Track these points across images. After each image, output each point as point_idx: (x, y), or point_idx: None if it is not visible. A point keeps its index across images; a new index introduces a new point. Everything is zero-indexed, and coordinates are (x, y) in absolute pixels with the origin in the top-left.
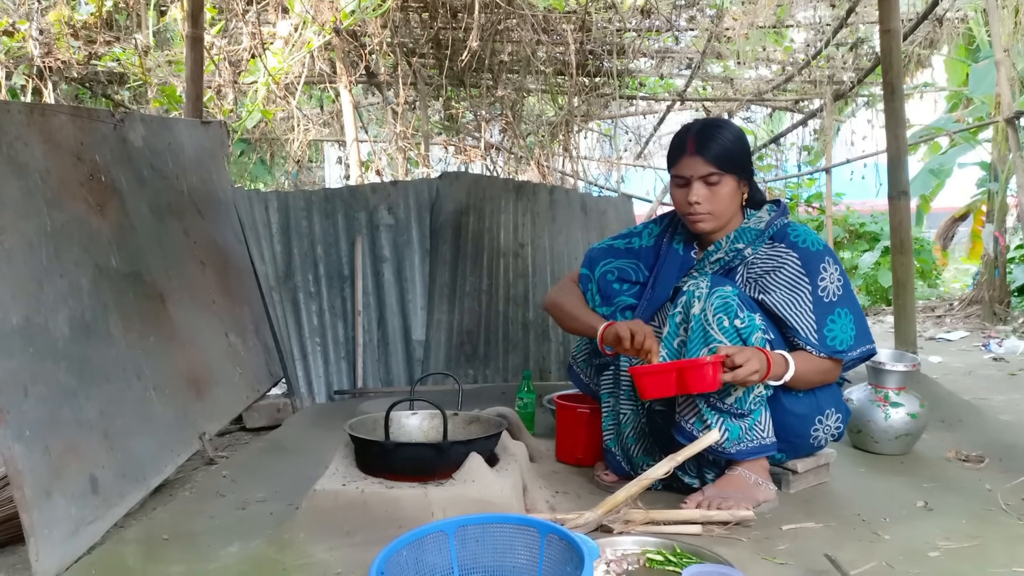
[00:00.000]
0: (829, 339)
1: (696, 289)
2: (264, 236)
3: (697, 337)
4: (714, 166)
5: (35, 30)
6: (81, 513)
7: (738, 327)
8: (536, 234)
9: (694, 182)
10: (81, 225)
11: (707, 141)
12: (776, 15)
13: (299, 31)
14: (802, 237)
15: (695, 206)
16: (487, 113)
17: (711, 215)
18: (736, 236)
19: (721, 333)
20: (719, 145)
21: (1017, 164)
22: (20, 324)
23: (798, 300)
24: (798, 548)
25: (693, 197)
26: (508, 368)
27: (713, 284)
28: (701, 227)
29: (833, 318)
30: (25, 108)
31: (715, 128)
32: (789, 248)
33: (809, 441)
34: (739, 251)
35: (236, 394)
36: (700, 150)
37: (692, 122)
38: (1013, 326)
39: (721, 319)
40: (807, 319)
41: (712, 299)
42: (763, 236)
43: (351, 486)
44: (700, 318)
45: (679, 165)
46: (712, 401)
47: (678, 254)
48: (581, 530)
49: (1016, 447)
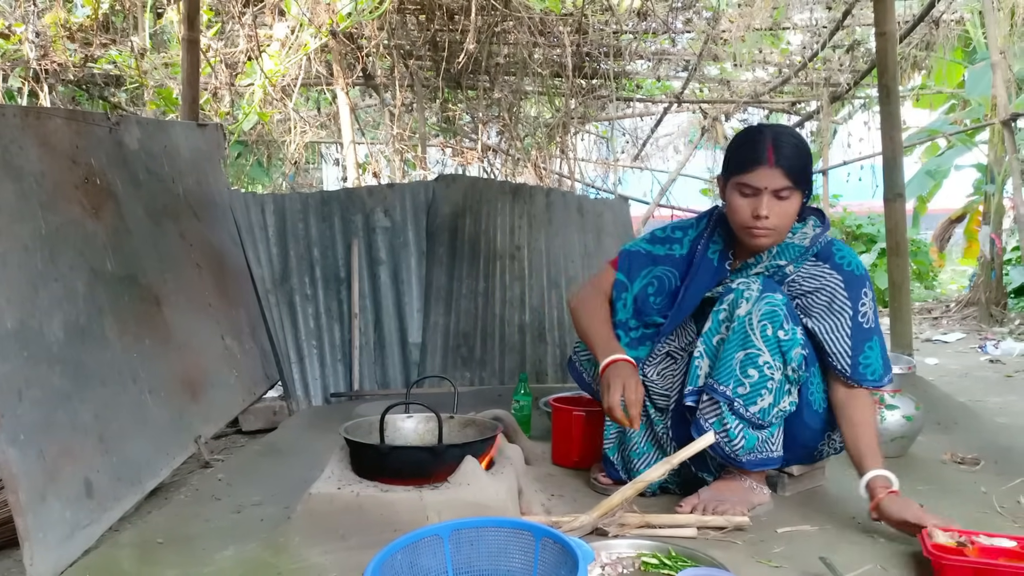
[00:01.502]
0: (863, 367)
1: (746, 289)
2: (260, 239)
3: (736, 339)
4: (790, 180)
5: (31, 33)
6: (76, 517)
7: (780, 338)
8: (532, 236)
9: (765, 195)
10: (76, 228)
11: (787, 152)
12: (772, 17)
13: (296, 33)
14: (847, 259)
15: (763, 220)
16: (484, 115)
17: (775, 231)
18: (779, 251)
19: (762, 341)
20: (797, 158)
21: (1013, 166)
22: (15, 328)
23: (838, 325)
24: (793, 551)
25: (764, 211)
26: (504, 371)
27: (764, 288)
28: (762, 243)
29: (871, 345)
30: (20, 111)
31: (791, 137)
32: (834, 270)
33: (813, 453)
34: (780, 268)
35: (232, 397)
36: (780, 161)
37: (762, 127)
38: (1009, 328)
39: (765, 327)
40: (844, 345)
41: (761, 304)
42: (807, 254)
43: (346, 489)
44: (744, 321)
45: (753, 174)
46: (736, 406)
47: (712, 264)
48: (576, 533)
49: (1012, 449)
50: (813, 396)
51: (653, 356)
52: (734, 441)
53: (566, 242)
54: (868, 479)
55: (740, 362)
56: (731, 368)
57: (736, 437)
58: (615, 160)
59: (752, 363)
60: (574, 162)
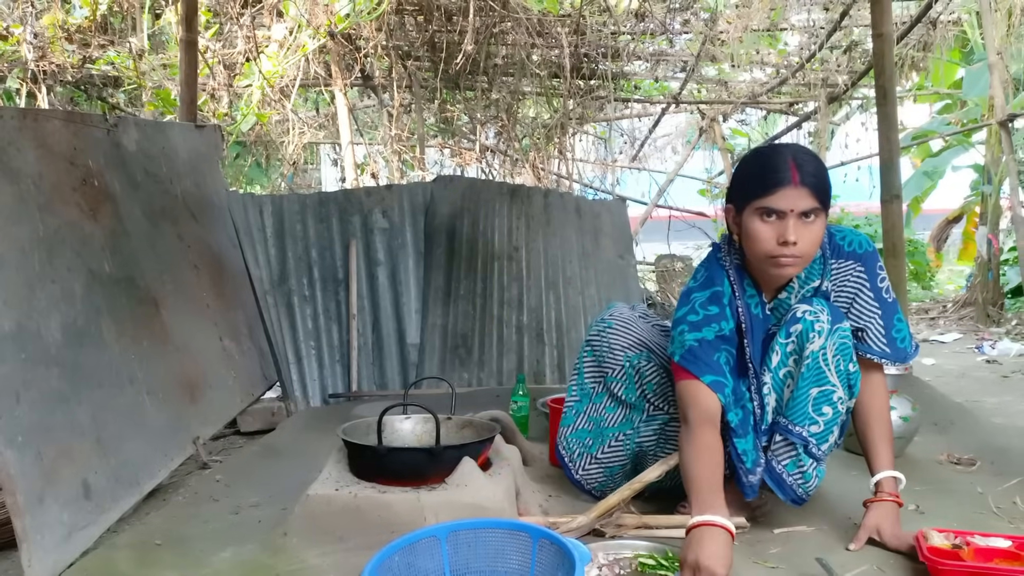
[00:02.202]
0: (899, 340)
1: (816, 321)
2: (258, 240)
3: (811, 376)
4: (816, 200)
5: (29, 34)
6: (74, 518)
7: (850, 371)
8: (530, 237)
9: (791, 218)
10: (74, 230)
11: (810, 168)
12: (770, 18)
13: (294, 34)
14: (850, 240)
15: (790, 247)
16: (482, 116)
17: (802, 259)
18: (807, 274)
19: (837, 376)
20: (821, 175)
21: (1010, 166)
22: (12, 330)
23: (869, 309)
24: (790, 552)
25: (792, 236)
26: (502, 371)
27: (834, 319)
28: (788, 272)
29: (899, 316)
30: (18, 113)
31: (809, 154)
32: (849, 259)
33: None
34: (816, 289)
35: (230, 398)
36: (805, 180)
37: (776, 145)
38: (1006, 328)
39: (839, 361)
40: (878, 327)
41: (834, 337)
42: (827, 262)
43: (344, 491)
44: (819, 356)
45: (774, 196)
46: (811, 447)
47: (759, 319)
48: (574, 534)
49: (1008, 450)
50: None
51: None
52: (808, 483)
53: (564, 243)
54: (876, 481)
55: (814, 400)
56: (805, 407)
57: (811, 479)
58: (613, 161)
59: (827, 400)
60: (572, 163)
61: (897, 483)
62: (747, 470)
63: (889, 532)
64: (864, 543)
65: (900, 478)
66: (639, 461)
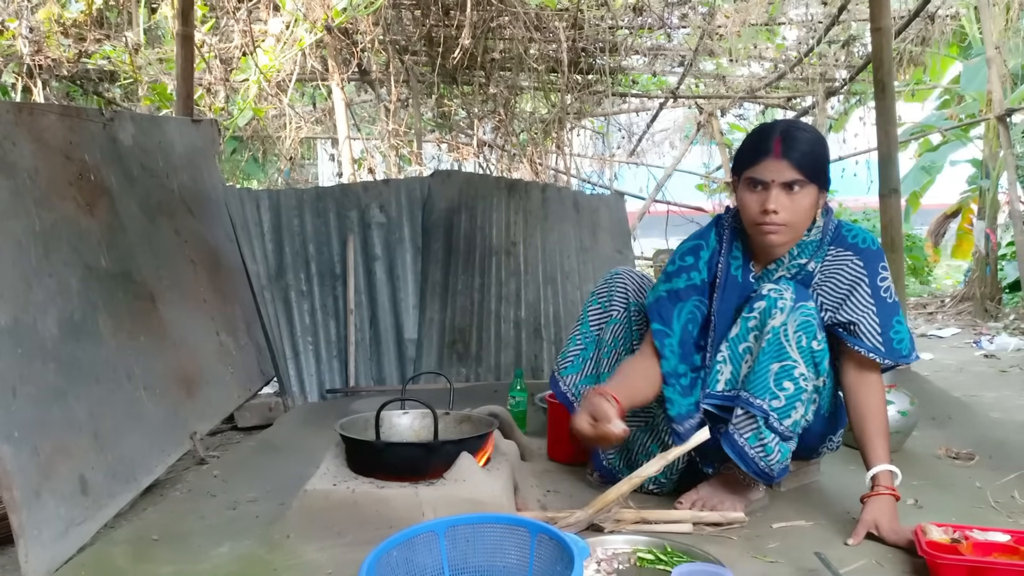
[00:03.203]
0: (896, 342)
1: (779, 298)
2: (255, 235)
3: (771, 351)
4: (800, 172)
5: (25, 28)
6: (71, 514)
7: (814, 349)
8: (528, 232)
9: (774, 188)
10: (70, 225)
11: (795, 143)
12: (768, 12)
13: (291, 29)
14: (859, 236)
15: (772, 215)
16: (480, 111)
17: (786, 227)
18: (799, 251)
19: (798, 352)
20: (807, 149)
21: (1008, 161)
22: (8, 324)
23: (865, 305)
24: (788, 546)
25: (772, 204)
26: (500, 366)
27: (798, 297)
28: (773, 240)
29: (899, 319)
30: (13, 107)
31: (802, 130)
32: (850, 251)
33: (812, 454)
34: (803, 267)
35: (227, 393)
36: (787, 153)
37: (776, 122)
38: (1004, 323)
39: (800, 337)
40: (873, 325)
41: (796, 314)
42: (823, 245)
43: (342, 486)
44: (780, 331)
45: (758, 167)
46: (771, 421)
47: (737, 282)
48: (572, 529)
49: (1006, 444)
50: (822, 400)
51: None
52: (771, 456)
53: (562, 238)
54: (871, 475)
55: (775, 374)
56: (765, 381)
57: (772, 452)
58: (611, 156)
59: (788, 375)
60: (570, 158)
61: (894, 477)
62: (673, 417)
63: (887, 526)
64: (862, 538)
65: (896, 472)
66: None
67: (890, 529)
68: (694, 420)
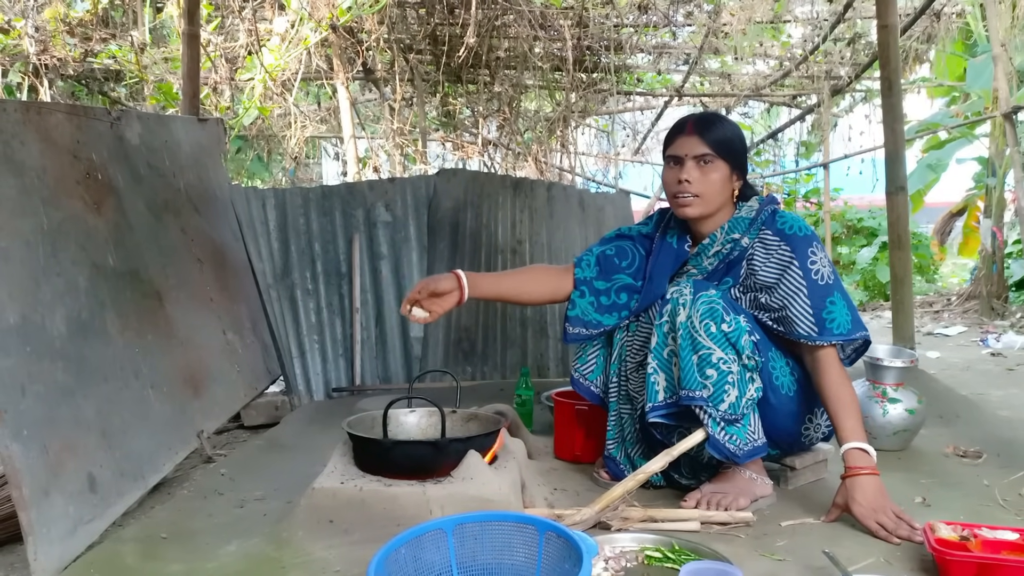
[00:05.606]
0: (828, 322)
1: (680, 296)
2: (261, 233)
3: (686, 344)
4: (709, 147)
5: (31, 27)
6: (79, 512)
7: (725, 331)
8: (534, 230)
9: (687, 161)
10: (78, 223)
11: (708, 124)
12: (773, 10)
13: (296, 28)
14: (788, 223)
15: (684, 185)
16: (484, 109)
17: (699, 198)
18: (731, 226)
19: (709, 339)
20: (718, 130)
21: (1015, 159)
22: (17, 323)
23: (795, 289)
24: (796, 544)
25: (684, 175)
26: (506, 365)
27: (696, 289)
28: (687, 212)
29: (832, 300)
30: (21, 106)
31: (716, 116)
32: (777, 236)
33: (800, 440)
34: (736, 241)
35: (234, 392)
36: (699, 130)
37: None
38: (1011, 321)
39: (708, 325)
40: (804, 307)
41: (697, 305)
42: (756, 223)
43: (349, 484)
44: (687, 325)
45: (674, 145)
46: (708, 409)
47: (671, 247)
48: (579, 527)
49: (1014, 442)
50: (779, 380)
51: (626, 364)
52: (731, 437)
53: (567, 236)
54: (841, 455)
55: (696, 365)
56: (692, 374)
57: (730, 434)
58: (616, 154)
59: (707, 363)
60: (575, 156)
61: (865, 453)
62: (567, 327)
63: (856, 510)
64: (834, 518)
65: (867, 449)
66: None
67: (859, 514)
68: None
